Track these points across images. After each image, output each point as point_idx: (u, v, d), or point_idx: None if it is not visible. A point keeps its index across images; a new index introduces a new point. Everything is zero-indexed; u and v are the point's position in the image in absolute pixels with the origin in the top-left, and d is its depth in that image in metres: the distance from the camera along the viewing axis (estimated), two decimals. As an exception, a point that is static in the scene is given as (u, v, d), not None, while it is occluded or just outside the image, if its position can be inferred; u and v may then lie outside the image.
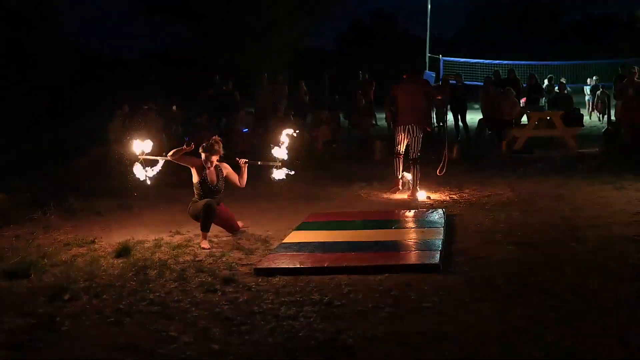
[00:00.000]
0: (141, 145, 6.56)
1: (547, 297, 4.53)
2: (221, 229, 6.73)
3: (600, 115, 18.17)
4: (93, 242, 6.53)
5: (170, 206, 8.10)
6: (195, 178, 6.55)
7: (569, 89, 16.36)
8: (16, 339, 4.15)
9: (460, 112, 15.57)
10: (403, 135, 8.56)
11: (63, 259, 5.95)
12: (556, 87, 16.17)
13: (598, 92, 18.19)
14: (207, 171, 6.52)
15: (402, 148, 8.65)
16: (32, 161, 11.92)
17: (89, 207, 8.24)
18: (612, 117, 16.13)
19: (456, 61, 24.69)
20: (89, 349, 3.99)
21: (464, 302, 4.50)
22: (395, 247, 5.91)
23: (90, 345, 4.04)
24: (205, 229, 6.34)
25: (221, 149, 6.57)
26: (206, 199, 6.42)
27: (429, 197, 8.40)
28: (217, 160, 6.60)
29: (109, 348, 3.99)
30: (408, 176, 8.61)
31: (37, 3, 19.78)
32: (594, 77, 19.29)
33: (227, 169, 6.71)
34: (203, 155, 6.50)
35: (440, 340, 3.90)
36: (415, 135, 8.50)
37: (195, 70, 21.02)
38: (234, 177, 6.75)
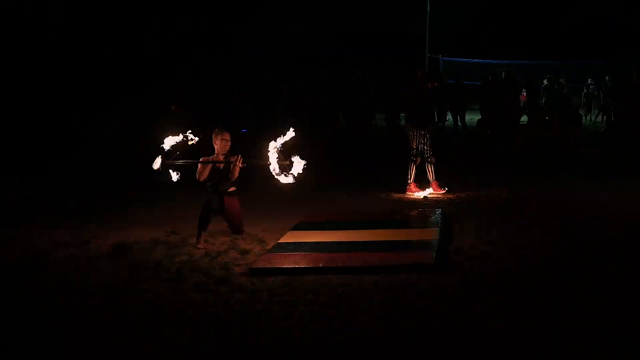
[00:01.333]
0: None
1: (544, 297, 4.52)
2: (219, 228, 6.70)
3: (587, 115, 18.22)
4: (88, 241, 6.51)
5: (166, 206, 8.08)
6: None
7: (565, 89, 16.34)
8: (10, 339, 4.14)
9: (459, 112, 15.57)
10: (412, 134, 8.66)
11: (58, 258, 5.93)
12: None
13: (585, 91, 18.21)
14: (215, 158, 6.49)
15: (416, 150, 8.64)
16: (29, 160, 11.90)
17: (85, 207, 8.22)
18: (612, 117, 16.14)
19: (455, 61, 24.69)
20: (83, 349, 3.98)
21: (459, 302, 4.49)
22: (391, 246, 5.89)
23: (83, 345, 4.03)
24: (200, 228, 6.31)
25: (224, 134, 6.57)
26: (208, 197, 6.39)
27: (425, 197, 8.39)
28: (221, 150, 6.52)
29: (102, 348, 3.97)
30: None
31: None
32: (607, 78, 19.05)
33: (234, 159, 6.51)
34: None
35: (435, 340, 3.89)
36: (422, 134, 8.59)
37: (195, 69, 20.97)
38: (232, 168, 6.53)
